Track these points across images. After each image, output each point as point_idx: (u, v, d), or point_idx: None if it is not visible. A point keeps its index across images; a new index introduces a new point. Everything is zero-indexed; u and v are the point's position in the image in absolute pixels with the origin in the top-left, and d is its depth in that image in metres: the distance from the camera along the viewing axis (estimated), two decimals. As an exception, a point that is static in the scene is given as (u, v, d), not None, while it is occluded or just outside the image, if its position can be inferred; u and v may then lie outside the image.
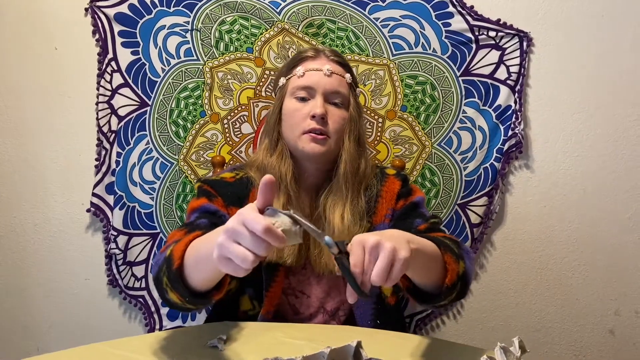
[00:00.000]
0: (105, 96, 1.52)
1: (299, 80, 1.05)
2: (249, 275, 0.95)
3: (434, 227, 1.00)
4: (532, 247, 1.58)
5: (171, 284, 0.79)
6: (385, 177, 1.11)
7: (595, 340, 1.60)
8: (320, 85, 1.03)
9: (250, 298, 1.05)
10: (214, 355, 0.81)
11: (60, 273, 1.61)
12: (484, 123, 1.53)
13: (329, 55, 1.08)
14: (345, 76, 1.07)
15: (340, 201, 1.02)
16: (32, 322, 1.63)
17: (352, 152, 1.05)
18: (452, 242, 0.90)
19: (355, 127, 1.06)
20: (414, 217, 1.03)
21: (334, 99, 1.05)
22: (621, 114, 1.53)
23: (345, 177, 1.03)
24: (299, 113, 1.03)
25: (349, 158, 1.04)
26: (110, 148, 1.54)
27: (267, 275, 1.01)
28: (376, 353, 0.74)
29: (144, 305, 1.58)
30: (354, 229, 1.00)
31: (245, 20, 1.50)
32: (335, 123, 1.03)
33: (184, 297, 0.79)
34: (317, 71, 1.04)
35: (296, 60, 1.09)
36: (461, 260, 0.87)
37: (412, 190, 1.09)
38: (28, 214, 1.59)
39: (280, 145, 1.06)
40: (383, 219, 1.06)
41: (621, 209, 1.55)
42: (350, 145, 1.04)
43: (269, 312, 1.02)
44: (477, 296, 1.60)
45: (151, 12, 1.51)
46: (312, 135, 1.01)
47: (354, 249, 0.67)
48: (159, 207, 1.56)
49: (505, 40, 1.50)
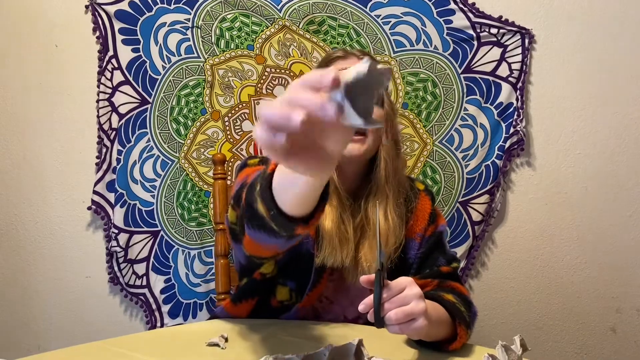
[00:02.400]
0: (106, 94, 1.52)
1: None
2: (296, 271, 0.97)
3: (453, 274, 1.02)
4: (534, 244, 1.58)
5: (261, 192, 0.68)
6: (417, 192, 1.09)
7: (597, 338, 1.60)
8: None
9: (291, 290, 1.02)
10: (215, 353, 0.81)
11: (61, 271, 1.61)
12: (485, 120, 1.53)
13: (359, 55, 1.05)
14: None
15: (383, 201, 1.00)
16: (33, 320, 1.63)
17: (391, 151, 1.02)
18: (464, 304, 0.93)
19: (392, 125, 1.03)
20: (438, 253, 1.04)
21: None
22: (623, 112, 1.53)
23: (386, 177, 1.00)
24: None
25: (389, 157, 1.01)
26: (111, 146, 1.54)
27: (315, 276, 0.99)
28: (377, 351, 0.73)
29: (145, 302, 1.58)
30: (399, 231, 0.99)
31: (246, 17, 1.49)
32: None
33: (270, 210, 0.67)
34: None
35: (326, 61, 1.06)
36: (469, 330, 0.90)
37: (437, 215, 1.09)
38: (29, 211, 1.59)
39: None
40: (414, 236, 1.05)
41: (622, 207, 1.55)
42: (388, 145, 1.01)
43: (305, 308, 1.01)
44: (478, 294, 1.60)
45: (152, 10, 1.50)
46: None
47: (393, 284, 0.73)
48: (160, 204, 1.55)
49: (507, 37, 1.49)
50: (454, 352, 0.85)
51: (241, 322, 0.95)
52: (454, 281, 1.01)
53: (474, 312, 0.96)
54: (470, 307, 0.95)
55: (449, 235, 1.56)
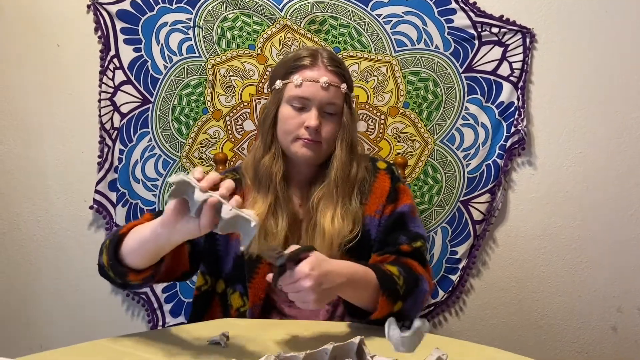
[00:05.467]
0: (108, 93, 1.52)
1: (296, 90, 1.06)
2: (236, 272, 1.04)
3: (414, 252, 1.05)
4: (535, 244, 1.58)
5: (108, 246, 0.89)
6: (377, 171, 1.14)
7: (598, 337, 1.60)
8: (316, 98, 1.06)
9: (241, 295, 1.08)
10: (216, 351, 0.81)
11: (63, 270, 1.62)
12: (486, 120, 1.53)
13: (327, 65, 1.08)
14: (341, 86, 1.09)
15: (332, 205, 1.06)
16: (34, 319, 1.64)
17: (344, 158, 1.08)
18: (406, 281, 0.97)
19: (348, 134, 1.09)
20: (399, 233, 1.07)
21: (329, 110, 1.08)
22: (624, 111, 1.53)
23: (336, 182, 1.07)
24: (294, 121, 1.06)
25: (340, 165, 1.07)
26: (113, 145, 1.54)
27: (248, 268, 1.06)
28: (379, 350, 0.74)
29: (146, 302, 1.59)
30: (344, 231, 1.05)
31: (247, 17, 1.50)
32: (327, 133, 1.07)
33: (110, 261, 0.88)
34: (314, 82, 1.06)
35: (294, 65, 1.09)
36: (400, 301, 0.94)
37: (400, 194, 1.12)
38: (31, 211, 1.60)
39: (275, 146, 1.10)
40: (374, 214, 1.10)
41: (624, 206, 1.55)
42: (341, 152, 1.08)
43: (256, 306, 1.05)
44: (479, 293, 1.60)
45: (153, 9, 1.50)
46: (304, 141, 1.05)
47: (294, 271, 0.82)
48: (162, 204, 1.56)
49: (508, 36, 1.49)
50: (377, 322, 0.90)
51: (243, 321, 0.95)
52: (413, 259, 1.04)
53: (422, 289, 1.00)
54: (417, 283, 0.99)
55: (450, 234, 1.56)
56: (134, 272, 0.86)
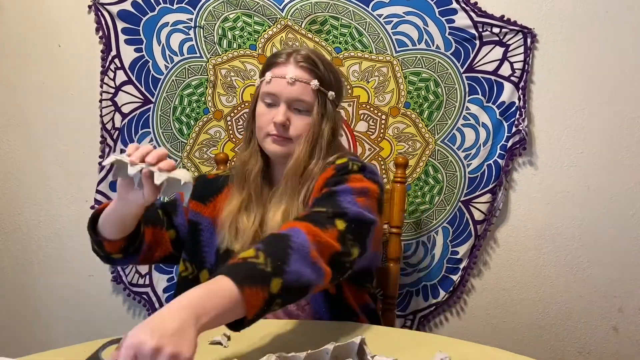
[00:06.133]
0: (109, 93, 1.53)
1: (267, 87, 1.09)
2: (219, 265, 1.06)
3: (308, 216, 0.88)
4: (536, 244, 1.58)
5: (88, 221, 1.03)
6: (329, 165, 1.07)
7: (599, 337, 1.60)
8: (283, 93, 1.07)
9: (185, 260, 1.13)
10: (217, 351, 0.81)
11: (64, 270, 1.62)
12: (487, 120, 1.53)
13: (299, 61, 1.08)
14: (310, 83, 1.07)
15: (282, 201, 1.07)
16: (36, 318, 1.64)
17: (302, 154, 1.07)
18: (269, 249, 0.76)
19: (315, 132, 1.09)
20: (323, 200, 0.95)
21: (297, 106, 1.08)
22: (625, 111, 1.53)
23: (286, 176, 1.07)
24: (265, 117, 1.08)
25: (295, 161, 1.07)
26: (114, 145, 1.54)
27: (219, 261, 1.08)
28: (380, 350, 0.74)
29: (147, 301, 1.59)
30: None
31: (248, 17, 1.50)
32: (296, 129, 1.07)
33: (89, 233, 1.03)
34: (281, 79, 1.07)
35: (269, 63, 1.12)
36: (275, 277, 0.73)
37: (346, 180, 0.99)
38: (32, 211, 1.60)
39: (253, 143, 1.13)
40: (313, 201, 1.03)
41: (625, 205, 1.55)
42: (301, 148, 1.07)
43: None
44: (480, 293, 1.60)
45: (154, 10, 1.51)
46: (273, 137, 1.07)
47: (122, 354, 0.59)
48: (163, 204, 1.56)
49: (509, 36, 1.49)
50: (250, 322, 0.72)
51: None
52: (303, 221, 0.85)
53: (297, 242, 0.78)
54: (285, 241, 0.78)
55: (451, 234, 1.56)
56: (107, 241, 1.02)
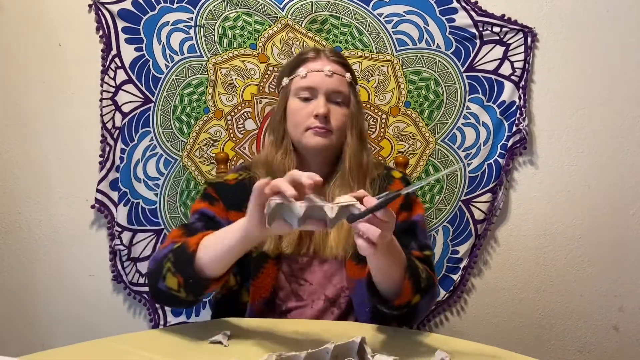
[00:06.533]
0: (109, 92, 1.52)
1: (302, 81, 1.09)
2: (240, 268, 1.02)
3: (425, 259, 1.03)
4: (536, 243, 1.58)
5: (176, 267, 0.87)
6: (392, 179, 1.15)
7: (599, 336, 1.60)
8: (322, 85, 1.08)
9: (248, 290, 1.08)
10: (218, 351, 0.81)
11: (65, 269, 1.62)
12: (488, 119, 1.53)
13: (329, 56, 1.12)
14: (345, 75, 1.12)
15: (347, 191, 1.04)
16: (36, 318, 1.64)
17: (355, 146, 1.10)
18: (427, 277, 0.94)
19: (357, 123, 1.12)
20: (410, 238, 1.07)
21: (336, 98, 1.10)
22: (625, 110, 1.53)
23: (350, 170, 1.08)
24: (303, 112, 1.08)
25: (352, 152, 1.10)
26: (114, 144, 1.54)
27: (254, 265, 1.05)
28: (380, 349, 0.74)
29: (148, 301, 1.59)
30: None
31: (248, 16, 1.50)
32: (337, 120, 1.09)
33: (188, 279, 0.86)
34: (319, 72, 1.09)
35: (298, 61, 1.14)
36: (419, 294, 0.91)
37: (414, 204, 1.12)
38: (32, 210, 1.60)
39: (286, 142, 1.12)
40: None
41: (625, 205, 1.55)
42: (352, 140, 1.10)
43: (256, 303, 1.05)
44: (480, 292, 1.60)
45: (155, 9, 1.51)
46: (315, 130, 1.07)
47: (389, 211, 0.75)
48: (163, 203, 1.56)
49: (510, 35, 1.49)
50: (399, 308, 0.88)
51: (244, 321, 0.96)
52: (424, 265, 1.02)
53: (436, 291, 1.00)
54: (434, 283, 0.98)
55: (451, 233, 1.56)
56: (215, 281, 0.88)
